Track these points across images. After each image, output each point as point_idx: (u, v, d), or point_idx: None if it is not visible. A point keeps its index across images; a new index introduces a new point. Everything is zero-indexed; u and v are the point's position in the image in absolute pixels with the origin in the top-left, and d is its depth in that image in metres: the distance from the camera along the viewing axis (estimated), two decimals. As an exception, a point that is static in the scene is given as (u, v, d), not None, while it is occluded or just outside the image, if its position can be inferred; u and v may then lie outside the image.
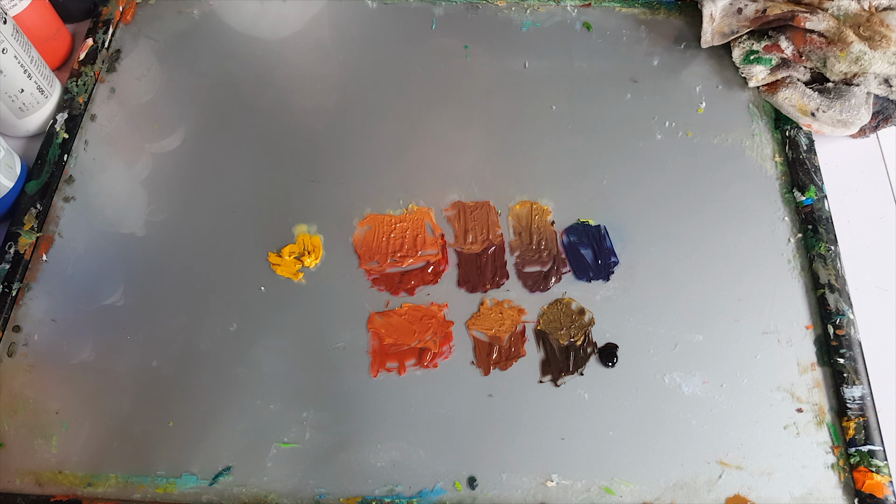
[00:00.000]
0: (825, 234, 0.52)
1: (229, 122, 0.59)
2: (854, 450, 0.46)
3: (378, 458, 0.46)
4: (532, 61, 0.62)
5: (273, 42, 0.64)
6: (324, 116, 0.59)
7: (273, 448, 0.46)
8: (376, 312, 0.51)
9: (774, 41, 0.57)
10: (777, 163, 0.56)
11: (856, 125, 0.55)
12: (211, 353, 0.49)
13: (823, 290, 0.50)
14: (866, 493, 0.44)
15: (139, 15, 0.65)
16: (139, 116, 0.59)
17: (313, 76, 0.62)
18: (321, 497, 0.45)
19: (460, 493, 0.45)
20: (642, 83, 0.60)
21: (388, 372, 0.49)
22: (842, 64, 0.53)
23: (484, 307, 0.51)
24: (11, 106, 0.55)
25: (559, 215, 0.54)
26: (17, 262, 0.52)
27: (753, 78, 0.58)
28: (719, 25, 0.58)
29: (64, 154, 0.57)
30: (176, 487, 0.45)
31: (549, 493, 0.45)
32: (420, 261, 0.53)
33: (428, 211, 0.55)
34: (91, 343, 0.50)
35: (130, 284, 0.52)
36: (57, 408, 0.48)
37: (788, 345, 0.49)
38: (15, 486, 0.45)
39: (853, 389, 0.47)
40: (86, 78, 0.60)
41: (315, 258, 0.53)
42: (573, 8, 0.64)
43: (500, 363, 0.49)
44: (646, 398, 0.48)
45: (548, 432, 0.47)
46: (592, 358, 0.49)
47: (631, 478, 0.45)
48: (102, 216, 0.55)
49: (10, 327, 0.50)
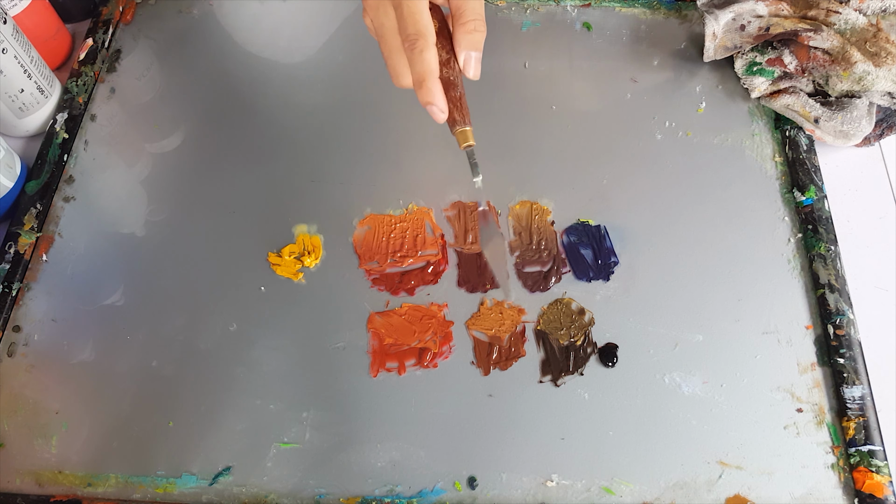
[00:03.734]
0: (825, 234, 0.52)
1: (229, 122, 0.59)
2: (854, 450, 0.46)
3: (378, 458, 0.46)
4: (532, 61, 0.62)
5: (273, 42, 0.64)
6: (324, 116, 0.59)
7: (273, 448, 0.46)
8: (376, 312, 0.51)
9: (778, 55, 0.57)
10: (777, 163, 0.56)
11: (857, 136, 0.55)
12: (211, 353, 0.49)
13: (823, 290, 0.50)
14: (866, 493, 0.44)
15: (139, 15, 0.65)
16: (139, 116, 0.60)
17: (313, 76, 0.62)
18: (321, 497, 0.45)
19: (460, 493, 0.45)
20: (642, 83, 0.60)
21: (388, 372, 0.49)
22: (844, 83, 0.53)
23: (484, 307, 0.51)
24: (11, 106, 0.55)
25: (559, 215, 0.54)
26: (17, 262, 0.52)
27: (755, 89, 0.58)
28: (722, 40, 0.58)
29: (64, 154, 0.57)
30: (176, 487, 0.45)
31: (549, 493, 0.45)
32: (420, 261, 0.53)
33: (428, 211, 0.55)
34: (91, 343, 0.50)
35: (130, 284, 0.52)
36: (57, 408, 0.48)
37: (788, 345, 0.49)
38: (15, 486, 0.45)
39: (853, 389, 0.47)
40: (86, 78, 0.60)
41: (315, 258, 0.53)
42: (573, 8, 0.64)
43: (500, 363, 0.49)
44: (646, 398, 0.48)
45: (548, 432, 0.47)
46: (592, 358, 0.49)
47: (631, 478, 0.45)
48: (102, 216, 0.55)
49: (10, 327, 0.50)
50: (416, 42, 0.36)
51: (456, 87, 0.39)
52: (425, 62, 0.37)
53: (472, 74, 0.39)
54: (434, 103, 0.38)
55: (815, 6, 0.56)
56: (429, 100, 0.38)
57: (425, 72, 0.37)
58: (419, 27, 0.36)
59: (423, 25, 0.36)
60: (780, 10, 0.57)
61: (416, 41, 0.36)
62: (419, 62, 0.37)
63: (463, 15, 0.38)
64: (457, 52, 0.39)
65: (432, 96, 0.37)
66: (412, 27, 0.36)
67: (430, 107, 0.38)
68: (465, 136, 0.40)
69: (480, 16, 0.38)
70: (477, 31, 0.39)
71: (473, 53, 0.39)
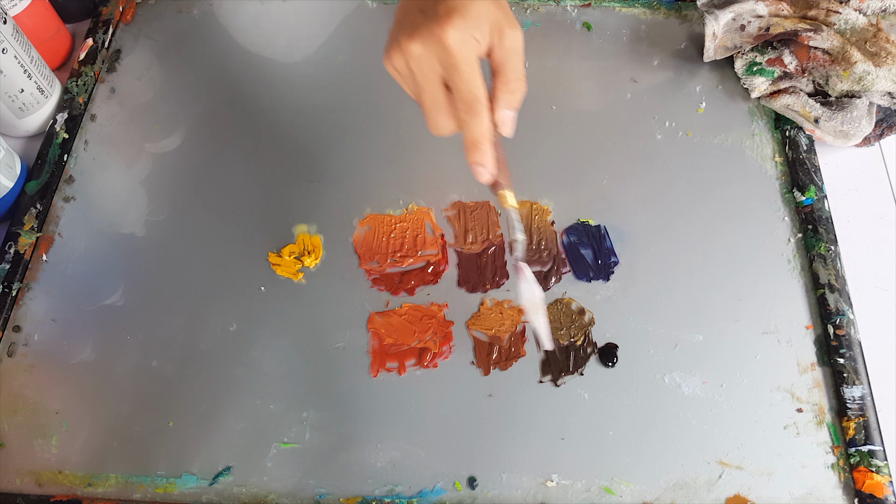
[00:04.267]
0: (825, 234, 0.52)
1: (229, 122, 0.59)
2: (854, 450, 0.46)
3: (378, 458, 0.46)
4: (532, 61, 0.62)
5: (273, 42, 0.64)
6: (324, 116, 0.59)
7: (273, 448, 0.46)
8: (376, 312, 0.51)
9: (778, 55, 0.57)
10: (777, 163, 0.56)
11: (857, 136, 0.55)
12: (211, 353, 0.49)
13: (823, 290, 0.50)
14: (866, 493, 0.44)
15: (139, 15, 0.65)
16: (139, 116, 0.59)
17: (313, 76, 0.61)
18: (321, 497, 0.45)
19: (460, 493, 0.45)
20: (642, 83, 0.60)
21: (388, 372, 0.49)
22: (844, 83, 0.53)
23: (484, 307, 0.51)
24: (11, 106, 0.55)
25: (559, 215, 0.54)
26: (17, 262, 0.52)
27: (756, 89, 0.58)
28: (722, 40, 0.58)
29: (64, 154, 0.57)
30: (176, 487, 0.45)
31: (549, 493, 0.45)
32: (420, 261, 0.53)
33: (428, 211, 0.55)
34: (91, 343, 0.50)
35: (130, 284, 0.52)
36: (57, 408, 0.48)
37: (788, 345, 0.49)
38: (15, 486, 0.45)
39: (853, 389, 0.47)
40: (86, 78, 0.60)
41: (315, 258, 0.53)
42: (573, 8, 0.64)
43: (500, 363, 0.49)
44: (646, 398, 0.48)
45: (548, 432, 0.47)
46: (592, 358, 0.49)
47: (631, 478, 0.45)
48: (102, 216, 0.55)
49: (10, 327, 0.50)
50: (472, 106, 0.37)
51: (498, 148, 0.40)
52: (482, 127, 0.37)
53: (507, 132, 0.39)
54: (485, 166, 0.38)
55: (815, 6, 0.56)
56: (480, 162, 0.38)
57: (481, 136, 0.38)
58: (476, 92, 0.37)
59: (480, 91, 0.37)
60: (780, 10, 0.57)
61: (473, 105, 0.37)
62: (476, 126, 0.37)
63: (505, 73, 0.38)
64: (495, 108, 0.38)
65: (484, 159, 0.38)
66: (469, 92, 0.37)
67: (478, 167, 0.39)
68: (507, 198, 0.41)
69: (522, 75, 0.38)
70: (518, 92, 0.39)
71: (511, 112, 0.39)
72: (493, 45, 0.37)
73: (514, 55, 0.38)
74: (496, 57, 0.38)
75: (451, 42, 0.35)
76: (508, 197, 0.41)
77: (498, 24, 0.37)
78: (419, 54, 0.37)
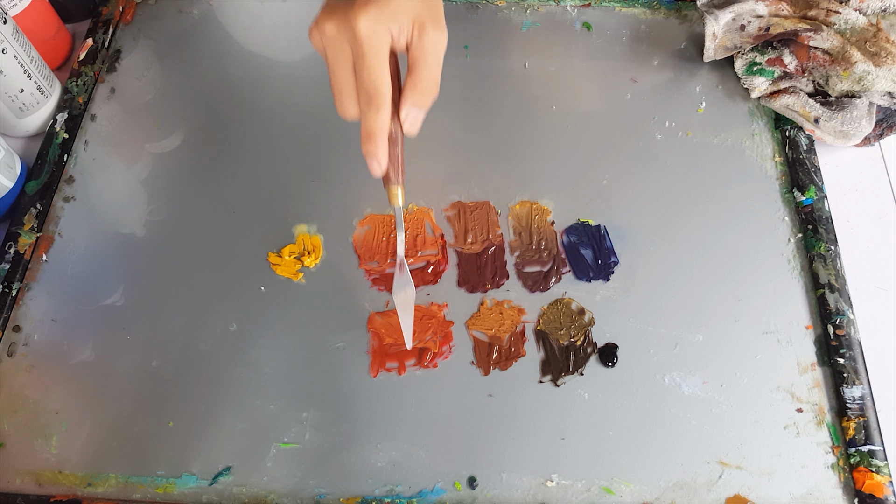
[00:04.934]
0: (825, 234, 0.52)
1: (229, 122, 0.59)
2: (854, 450, 0.46)
3: (378, 458, 0.46)
4: (532, 61, 0.62)
5: (273, 42, 0.64)
6: (324, 116, 0.59)
7: (273, 448, 0.46)
8: (376, 312, 0.51)
9: (778, 55, 0.57)
10: (777, 163, 0.56)
11: (857, 136, 0.55)
12: (211, 353, 0.49)
13: (823, 290, 0.50)
14: (866, 493, 0.44)
15: (139, 15, 0.65)
16: (139, 116, 0.60)
17: (313, 76, 0.61)
18: (321, 497, 0.45)
19: (460, 493, 0.45)
20: (642, 83, 0.60)
21: (388, 372, 0.49)
22: (844, 83, 0.53)
23: (484, 307, 0.51)
24: (11, 106, 0.55)
25: (559, 215, 0.54)
26: (17, 262, 0.52)
27: (756, 89, 0.58)
28: (722, 40, 0.58)
29: (64, 154, 0.57)
30: (176, 487, 0.45)
31: (549, 493, 0.45)
32: (420, 261, 0.53)
33: (428, 211, 0.55)
34: (91, 343, 0.50)
35: (130, 284, 0.52)
36: (57, 408, 0.48)
37: (788, 345, 0.49)
38: (15, 486, 0.45)
39: (853, 389, 0.47)
40: (86, 78, 0.60)
41: (315, 258, 0.53)
42: (573, 8, 0.64)
43: (500, 363, 0.49)
44: (646, 398, 0.48)
45: (548, 432, 0.47)
46: (592, 358, 0.49)
47: (631, 478, 0.45)
48: (102, 216, 0.55)
49: (10, 327, 0.50)
50: (373, 98, 0.36)
51: (396, 144, 0.40)
52: (379, 120, 0.37)
53: (410, 131, 0.39)
54: (377, 158, 0.38)
55: (815, 6, 0.56)
56: (373, 154, 0.38)
57: (377, 129, 0.37)
58: (378, 85, 0.36)
59: (382, 83, 0.36)
60: (780, 10, 0.57)
61: (374, 97, 0.36)
62: (373, 119, 0.37)
63: (416, 72, 0.38)
64: (402, 104, 0.38)
65: (377, 151, 0.38)
66: (371, 82, 0.36)
67: (370, 159, 0.38)
68: (396, 195, 0.41)
69: (435, 77, 0.38)
70: (427, 93, 0.38)
71: (417, 112, 0.39)
72: (412, 42, 0.37)
73: (430, 55, 0.37)
74: (412, 54, 0.38)
75: (362, 30, 0.35)
76: (396, 195, 0.41)
77: (420, 21, 0.37)
78: (332, 35, 0.36)
